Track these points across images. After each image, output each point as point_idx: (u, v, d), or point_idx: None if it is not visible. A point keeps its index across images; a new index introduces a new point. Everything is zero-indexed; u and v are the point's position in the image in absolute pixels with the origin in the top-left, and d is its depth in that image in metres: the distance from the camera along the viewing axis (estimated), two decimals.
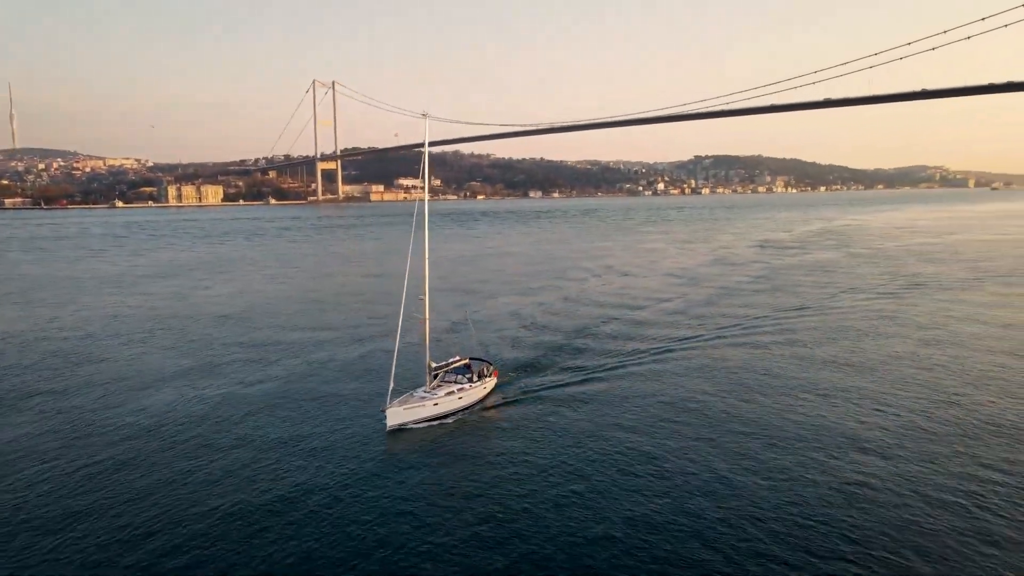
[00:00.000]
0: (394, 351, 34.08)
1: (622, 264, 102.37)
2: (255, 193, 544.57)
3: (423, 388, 35.07)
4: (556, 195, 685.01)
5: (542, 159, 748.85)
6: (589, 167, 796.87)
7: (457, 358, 38.00)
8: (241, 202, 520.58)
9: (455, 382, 35.82)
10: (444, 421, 32.87)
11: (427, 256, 37.67)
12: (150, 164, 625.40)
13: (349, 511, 23.90)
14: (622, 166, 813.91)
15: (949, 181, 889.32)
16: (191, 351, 49.36)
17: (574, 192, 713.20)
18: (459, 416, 33.55)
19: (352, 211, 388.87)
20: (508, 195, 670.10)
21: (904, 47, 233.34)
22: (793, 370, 41.09)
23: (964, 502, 23.63)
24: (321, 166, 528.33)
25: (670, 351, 46.25)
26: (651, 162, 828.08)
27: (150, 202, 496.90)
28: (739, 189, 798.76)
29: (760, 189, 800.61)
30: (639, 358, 44.50)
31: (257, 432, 32.23)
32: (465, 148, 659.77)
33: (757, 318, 56.96)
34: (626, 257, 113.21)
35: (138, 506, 24.60)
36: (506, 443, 30.17)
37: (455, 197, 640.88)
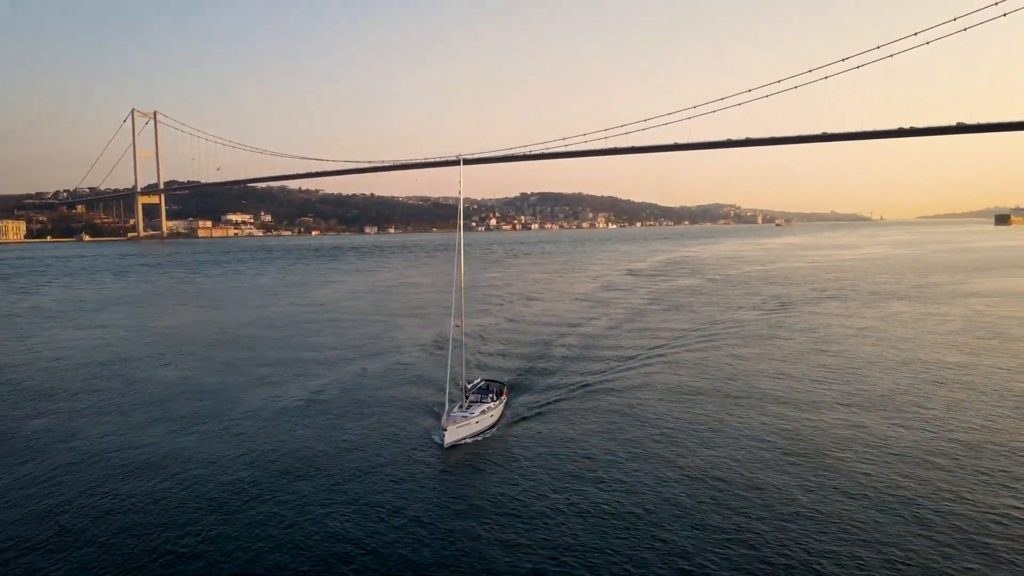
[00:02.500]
0: (446, 373, 38.30)
1: (526, 291, 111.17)
2: (65, 229, 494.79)
3: (457, 407, 37.01)
4: (392, 230, 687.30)
5: (372, 194, 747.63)
6: (420, 203, 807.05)
7: (479, 379, 41.75)
8: (49, 239, 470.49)
9: (482, 401, 38.40)
10: (483, 437, 35.19)
11: (462, 283, 41.97)
12: None
13: (450, 523, 25.43)
14: (451, 201, 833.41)
15: (742, 218, 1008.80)
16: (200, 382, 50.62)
17: (410, 227, 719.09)
18: (491, 432, 35.92)
19: (187, 247, 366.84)
20: (343, 231, 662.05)
21: (716, 101, 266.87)
22: (763, 372, 51.27)
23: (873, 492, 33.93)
24: (142, 200, 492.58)
25: (630, 364, 51.88)
26: (479, 198, 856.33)
27: None
28: (565, 225, 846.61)
29: (584, 225, 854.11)
30: (612, 371, 49.71)
31: (314, 449, 33.57)
32: (292, 184, 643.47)
33: (685, 331, 67.36)
34: (523, 285, 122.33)
35: (201, 524, 25.84)
36: (543, 454, 32.80)
37: (289, 233, 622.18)
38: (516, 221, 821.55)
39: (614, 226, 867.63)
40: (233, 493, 28.70)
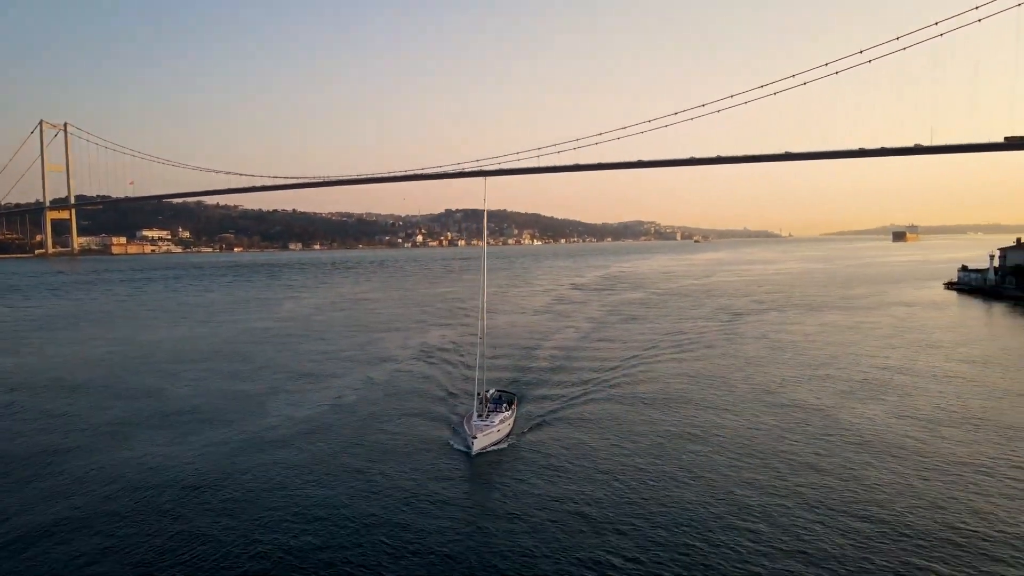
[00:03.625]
0: (475, 383, 40.70)
1: (488, 305, 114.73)
2: None
3: (476, 416, 38.83)
4: (317, 247, 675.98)
5: (294, 210, 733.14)
6: (344, 219, 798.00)
7: (492, 390, 43.14)
8: None
9: (498, 410, 39.84)
10: (502, 445, 36.73)
11: (484, 297, 45.83)
12: None
13: (495, 525, 26.86)
14: (375, 218, 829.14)
15: (662, 234, 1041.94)
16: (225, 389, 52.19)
17: (335, 244, 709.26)
18: (509, 440, 37.61)
19: (104, 264, 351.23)
20: (267, 247, 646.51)
21: (646, 122, 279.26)
22: (731, 377, 56.98)
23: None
24: (51, 215, 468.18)
25: (615, 373, 55.59)
26: (403, 214, 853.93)
27: None
28: (491, 241, 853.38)
29: (510, 241, 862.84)
30: (600, 380, 52.89)
31: (342, 459, 35.28)
32: (210, 199, 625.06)
33: (654, 340, 72.78)
34: (488, 300, 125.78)
35: (233, 532, 26.89)
36: (558, 459, 34.58)
37: (210, 250, 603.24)
38: (443, 237, 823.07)
39: (539, 242, 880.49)
40: (277, 501, 30.22)
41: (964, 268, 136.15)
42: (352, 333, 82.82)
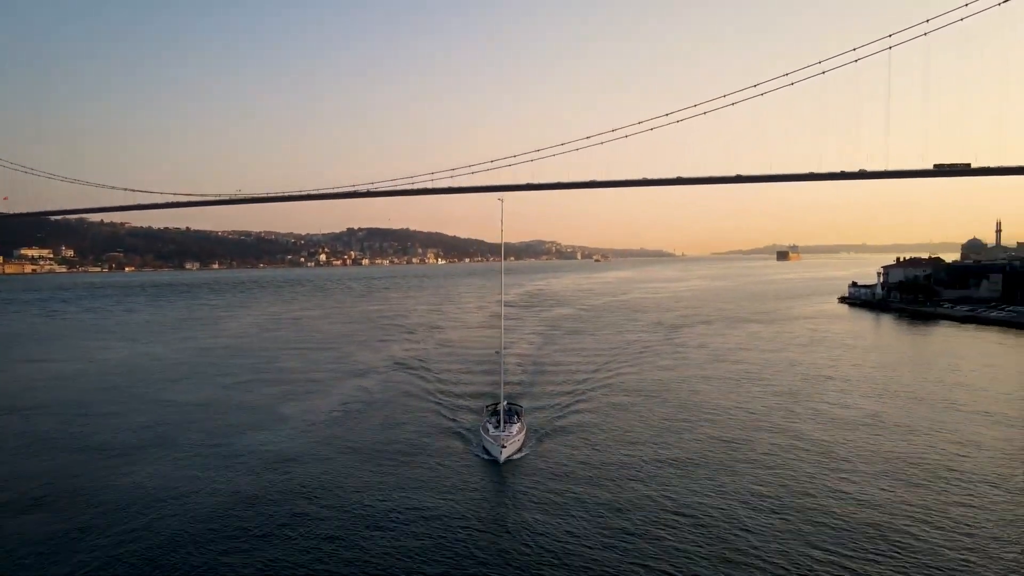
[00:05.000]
0: (483, 397, 45.06)
1: (424, 321, 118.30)
2: None
3: (493, 426, 40.82)
4: (216, 266, 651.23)
5: (188, 228, 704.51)
6: (242, 237, 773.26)
7: (505, 401, 44.68)
8: None
9: (511, 421, 42.05)
10: (522, 453, 39.11)
11: (503, 312, 50.58)
12: None
13: (537, 522, 29.34)
14: (274, 236, 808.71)
15: (562, 254, 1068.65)
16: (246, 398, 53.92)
17: (235, 263, 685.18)
18: (524, 449, 39.88)
19: None
20: (161, 266, 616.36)
21: (559, 145, 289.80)
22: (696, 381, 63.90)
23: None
24: None
25: (588, 382, 60.63)
26: (304, 233, 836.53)
27: None
28: (395, 260, 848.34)
29: (414, 260, 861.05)
30: (580, 391, 56.70)
31: (371, 466, 37.33)
32: (93, 217, 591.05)
33: (607, 351, 79.25)
34: (416, 316, 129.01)
35: (277, 540, 28.28)
36: (571, 465, 37.04)
37: (99, 269, 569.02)
38: (346, 256, 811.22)
39: (443, 261, 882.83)
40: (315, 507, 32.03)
41: (854, 284, 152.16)
42: (316, 349, 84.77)
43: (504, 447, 37.82)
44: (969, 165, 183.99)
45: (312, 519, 30.16)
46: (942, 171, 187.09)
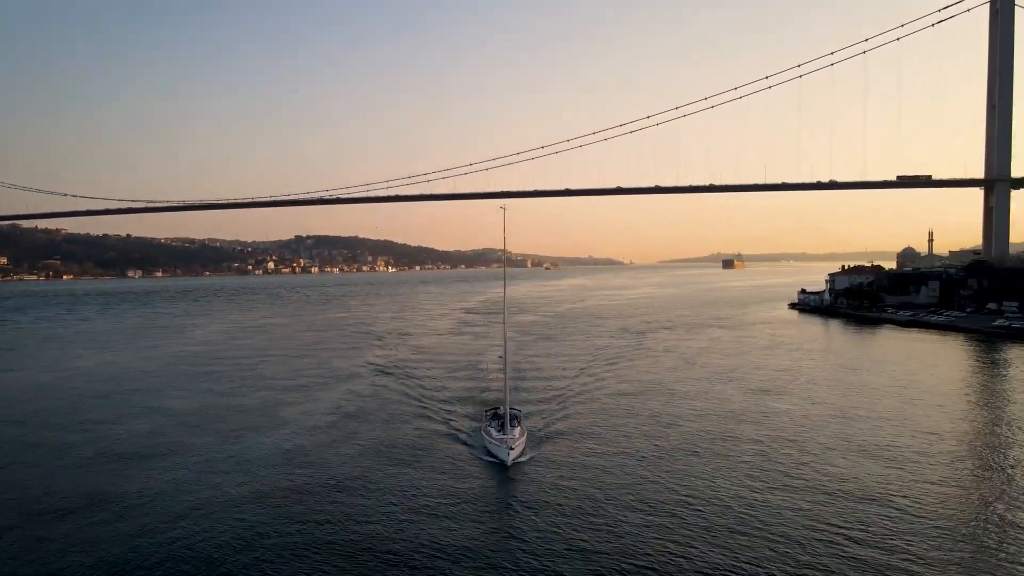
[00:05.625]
0: (506, 403, 44.38)
1: (392, 328, 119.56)
2: None
3: (496, 430, 42.56)
4: (160, 274, 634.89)
5: (129, 235, 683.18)
6: (186, 245, 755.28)
7: (509, 408, 45.69)
8: None
9: (514, 425, 43.61)
10: (527, 456, 40.55)
11: (505, 319, 52.08)
12: None
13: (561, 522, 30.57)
14: (219, 244, 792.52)
15: (513, 262, 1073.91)
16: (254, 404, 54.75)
17: (179, 271, 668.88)
18: (527, 452, 41.26)
19: None
20: (101, 275, 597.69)
21: (514, 155, 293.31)
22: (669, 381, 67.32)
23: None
24: None
25: (572, 384, 64.16)
26: (250, 241, 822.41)
27: None
28: (345, 268, 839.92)
29: (364, 268, 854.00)
30: (563, 395, 59.20)
31: (385, 470, 38.51)
32: (27, 223, 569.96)
33: (581, 355, 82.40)
34: (382, 324, 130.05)
35: (300, 537, 29.41)
36: (572, 468, 38.48)
37: (35, 277, 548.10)
38: (295, 264, 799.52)
39: (393, 269, 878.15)
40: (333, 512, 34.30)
41: (803, 291, 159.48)
42: (294, 356, 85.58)
43: (512, 449, 39.32)
44: (930, 176, 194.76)
45: (331, 522, 30.88)
46: (898, 183, 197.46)
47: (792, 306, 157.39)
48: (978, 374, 68.44)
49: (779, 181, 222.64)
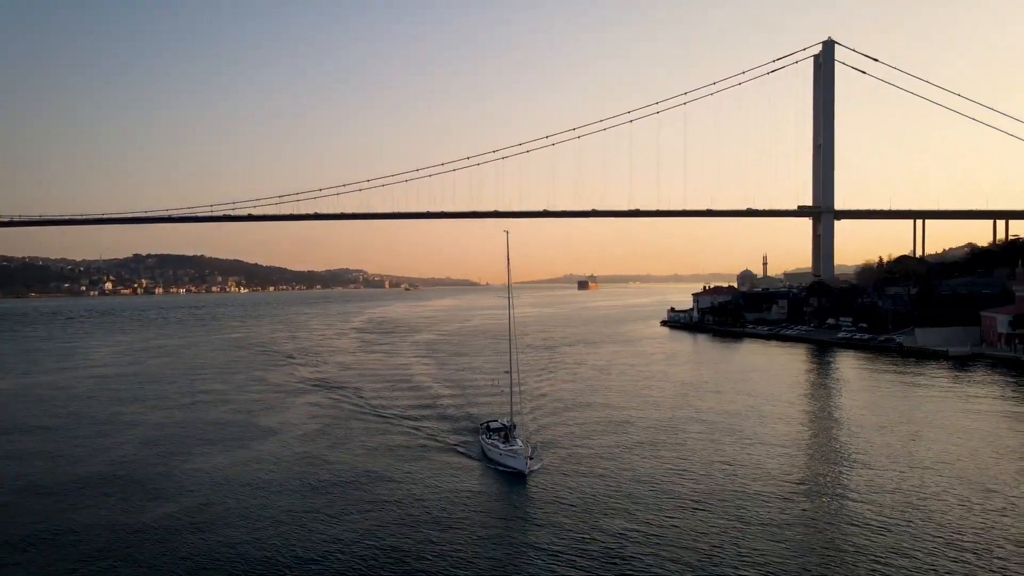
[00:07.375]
0: (509, 414, 48.63)
1: (291, 349, 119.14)
2: None
3: (502, 441, 44.27)
4: None
5: None
6: (3, 263, 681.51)
7: (509, 420, 48.38)
8: None
9: (516, 436, 45.65)
10: (536, 466, 41.75)
11: (511, 332, 54.54)
12: None
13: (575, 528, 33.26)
14: (42, 262, 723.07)
15: (370, 282, 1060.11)
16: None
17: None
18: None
19: None
20: None
21: (389, 176, 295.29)
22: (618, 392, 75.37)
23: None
24: None
25: (540, 399, 69.44)
26: (79, 259, 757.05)
27: None
28: (193, 289, 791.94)
29: (214, 289, 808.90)
30: (546, 407, 65.05)
31: (405, 479, 40.35)
32: None
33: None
34: (278, 346, 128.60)
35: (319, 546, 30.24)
36: (579, 477, 40.23)
37: None
38: (137, 285, 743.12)
39: (245, 290, 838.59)
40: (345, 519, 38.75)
41: (672, 310, 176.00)
42: (225, 373, 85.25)
43: (531, 459, 40.73)
44: (773, 208, 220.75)
45: (355, 541, 31.01)
46: (745, 212, 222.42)
47: (663, 323, 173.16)
48: (830, 375, 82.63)
49: (633, 208, 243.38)
